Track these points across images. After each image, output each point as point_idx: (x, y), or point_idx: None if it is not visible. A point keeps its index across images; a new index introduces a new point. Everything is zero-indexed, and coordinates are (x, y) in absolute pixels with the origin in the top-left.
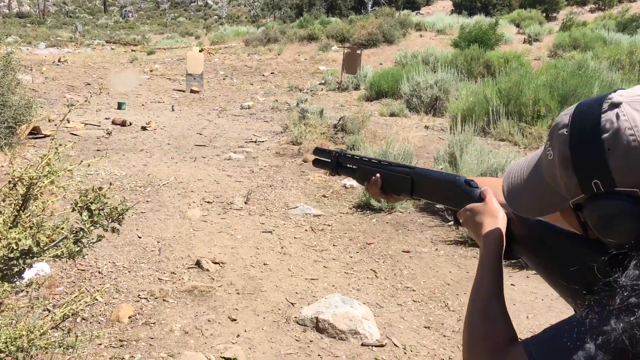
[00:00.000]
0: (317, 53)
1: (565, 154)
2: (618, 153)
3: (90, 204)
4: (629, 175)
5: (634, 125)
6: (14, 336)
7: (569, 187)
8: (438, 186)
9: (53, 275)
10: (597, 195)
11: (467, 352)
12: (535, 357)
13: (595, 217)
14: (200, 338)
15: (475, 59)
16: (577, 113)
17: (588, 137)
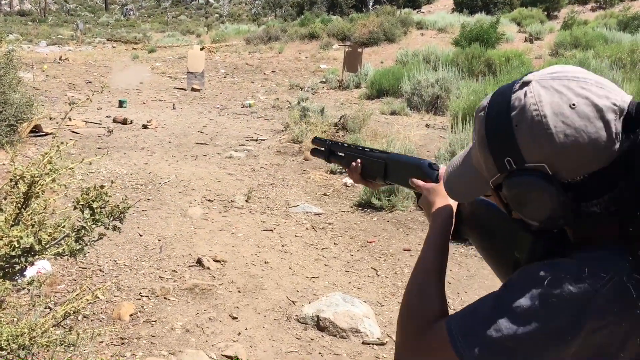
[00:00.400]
0: (318, 51)
1: (482, 135)
2: (524, 128)
3: (92, 202)
4: (535, 150)
5: (538, 101)
6: (15, 334)
7: (488, 168)
8: (406, 170)
9: (54, 273)
10: (510, 173)
11: (399, 326)
12: (454, 330)
13: (510, 195)
14: (202, 336)
15: (476, 58)
16: (494, 95)
17: (499, 116)
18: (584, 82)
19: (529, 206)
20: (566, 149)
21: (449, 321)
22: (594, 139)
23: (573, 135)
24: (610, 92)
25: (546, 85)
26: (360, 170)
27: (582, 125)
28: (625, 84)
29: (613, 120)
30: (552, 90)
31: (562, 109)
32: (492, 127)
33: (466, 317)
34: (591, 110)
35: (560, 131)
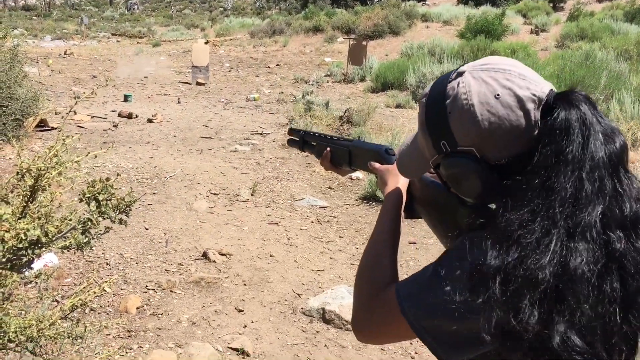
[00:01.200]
0: (322, 45)
1: (422, 120)
2: (455, 115)
3: (98, 194)
4: (465, 135)
5: (468, 91)
6: (23, 326)
7: (428, 149)
8: (366, 156)
9: (61, 266)
10: (446, 154)
11: (355, 294)
12: (401, 293)
13: (446, 175)
14: (208, 329)
15: (481, 50)
16: (434, 84)
17: (436, 103)
18: (509, 74)
19: (462, 184)
20: (491, 134)
21: (398, 285)
22: (515, 125)
23: (497, 122)
24: (531, 83)
25: (476, 76)
26: (329, 158)
27: (505, 113)
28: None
29: (532, 109)
30: (481, 81)
31: (488, 99)
32: (430, 113)
33: (412, 281)
34: (513, 100)
35: (485, 119)
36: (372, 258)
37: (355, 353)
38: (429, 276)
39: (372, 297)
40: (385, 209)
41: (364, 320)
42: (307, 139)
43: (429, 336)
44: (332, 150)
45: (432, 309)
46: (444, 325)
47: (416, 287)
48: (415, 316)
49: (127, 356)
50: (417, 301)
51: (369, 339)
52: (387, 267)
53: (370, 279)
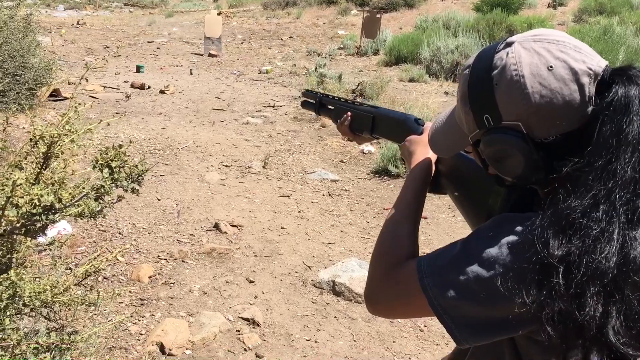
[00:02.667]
0: (336, 17)
1: (464, 92)
2: (502, 87)
3: (111, 161)
4: (512, 109)
5: (518, 62)
6: (38, 290)
7: (468, 124)
8: (392, 124)
9: (75, 235)
10: (488, 129)
11: (371, 265)
12: (422, 269)
13: (487, 151)
14: (219, 299)
15: (497, 24)
16: (478, 54)
17: (481, 74)
18: (562, 46)
19: (504, 163)
20: (541, 109)
21: (419, 260)
22: (568, 100)
23: (548, 96)
24: (586, 56)
25: (527, 47)
26: (349, 123)
27: (558, 87)
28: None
29: (587, 83)
30: (533, 51)
31: (540, 70)
32: (473, 84)
33: (436, 258)
34: (567, 73)
35: (536, 92)
36: (392, 230)
37: (365, 325)
38: (457, 254)
39: (389, 270)
40: (411, 181)
41: (379, 293)
42: (325, 102)
43: (447, 317)
44: (352, 116)
45: (457, 289)
46: (466, 307)
47: (441, 265)
48: (436, 295)
49: (140, 324)
50: (440, 279)
51: (381, 312)
52: (408, 240)
53: (389, 251)
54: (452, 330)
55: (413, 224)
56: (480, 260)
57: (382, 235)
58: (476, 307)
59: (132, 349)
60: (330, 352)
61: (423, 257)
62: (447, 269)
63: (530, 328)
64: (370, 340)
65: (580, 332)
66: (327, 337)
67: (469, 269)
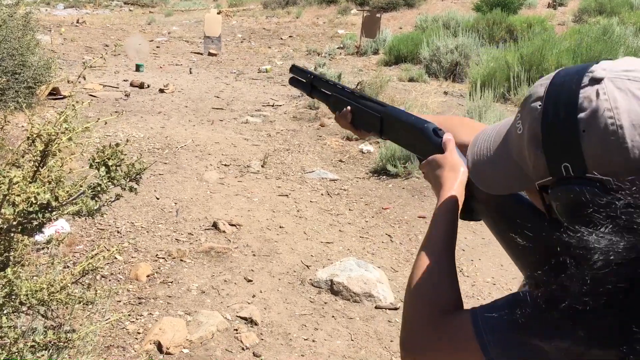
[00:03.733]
0: (336, 16)
1: (536, 131)
2: (594, 136)
3: (107, 159)
4: (603, 162)
5: (614, 107)
6: (34, 289)
7: (536, 167)
8: (406, 130)
9: (73, 233)
10: (566, 179)
11: (409, 310)
12: (481, 324)
13: (561, 203)
14: (217, 297)
15: (497, 24)
16: (553, 85)
17: (562, 115)
18: None
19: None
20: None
21: (475, 314)
22: None
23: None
24: None
25: (622, 87)
26: (350, 119)
27: None
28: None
29: None
30: (630, 94)
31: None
32: (551, 125)
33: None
34: None
35: (637, 146)
36: (429, 272)
37: (363, 324)
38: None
39: (435, 321)
40: (440, 214)
41: (424, 345)
42: (317, 85)
43: None
44: (354, 111)
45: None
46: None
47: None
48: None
49: (137, 322)
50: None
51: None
52: (449, 284)
53: (430, 298)
54: None
55: (451, 264)
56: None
57: (419, 278)
58: None
59: (130, 348)
60: (327, 352)
61: (479, 309)
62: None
63: None
64: (368, 339)
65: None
66: (325, 337)
67: (541, 334)
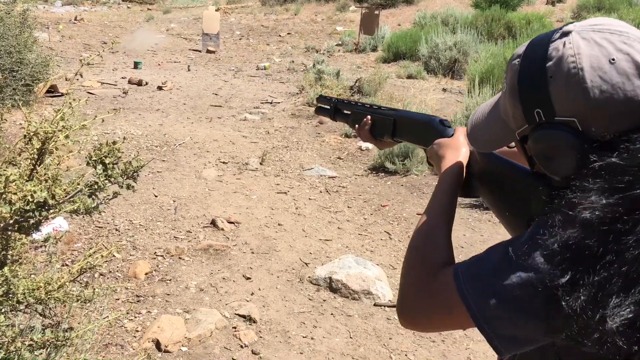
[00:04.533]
0: (334, 13)
1: (514, 83)
2: (559, 81)
3: (104, 157)
4: (568, 104)
5: (577, 53)
6: (31, 287)
7: (515, 118)
8: (415, 127)
9: (71, 231)
10: (539, 125)
11: (403, 275)
12: (461, 276)
13: (536, 148)
14: (215, 295)
15: (496, 20)
16: (530, 43)
17: (534, 65)
18: (626, 37)
19: (555, 161)
20: (600, 105)
21: (457, 268)
22: (630, 97)
23: (609, 91)
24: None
25: (587, 37)
26: (370, 127)
27: (620, 81)
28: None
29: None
30: (593, 42)
31: (601, 63)
32: (525, 76)
33: (475, 264)
34: (631, 67)
35: (596, 86)
36: (425, 236)
37: (362, 322)
38: (498, 260)
39: (424, 280)
40: (443, 185)
41: (414, 305)
42: (340, 107)
43: (488, 327)
44: (372, 120)
45: (499, 297)
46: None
47: (481, 271)
48: (476, 302)
49: (136, 320)
50: (481, 286)
51: (418, 325)
52: (442, 246)
53: (423, 260)
54: (493, 341)
55: (447, 230)
56: (524, 266)
57: (415, 244)
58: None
59: (128, 346)
60: (326, 349)
61: (460, 264)
62: (488, 276)
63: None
64: (367, 337)
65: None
66: (324, 334)
67: (512, 275)
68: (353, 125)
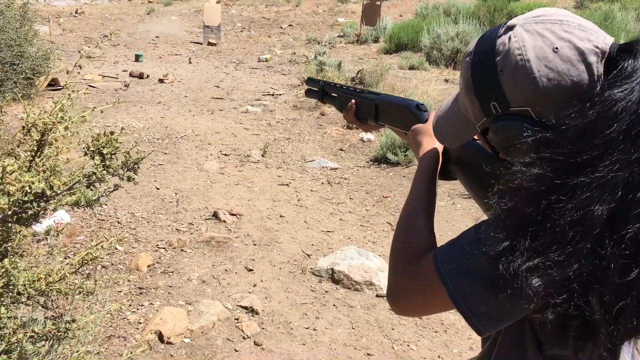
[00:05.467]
0: (336, 4)
1: (468, 80)
2: (508, 73)
3: (102, 148)
4: (519, 95)
5: (522, 45)
6: (32, 279)
7: (474, 112)
8: (395, 110)
9: (73, 224)
10: (496, 117)
11: (390, 263)
12: (439, 259)
13: (497, 140)
14: (218, 287)
15: (498, 10)
16: (479, 40)
17: (484, 60)
18: (566, 25)
19: (515, 149)
20: (549, 92)
21: (435, 251)
22: (576, 82)
23: (556, 79)
24: (592, 34)
25: (530, 29)
26: (354, 111)
27: (565, 68)
28: None
29: (595, 62)
30: (536, 34)
31: (545, 53)
32: (477, 72)
33: (451, 246)
34: (573, 54)
35: (543, 75)
36: (407, 224)
37: (364, 312)
38: (470, 239)
39: (408, 265)
40: (421, 172)
41: (400, 290)
42: (328, 90)
43: (465, 305)
44: (357, 103)
45: (471, 274)
46: (481, 292)
47: (455, 252)
48: (453, 282)
49: (138, 312)
50: (456, 266)
51: (405, 310)
52: (424, 233)
53: (406, 246)
54: (471, 319)
55: (427, 216)
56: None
57: (398, 231)
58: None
59: (131, 338)
60: (329, 340)
61: (438, 248)
62: (461, 256)
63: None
64: (369, 327)
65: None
66: (326, 325)
67: (482, 252)
68: (340, 108)
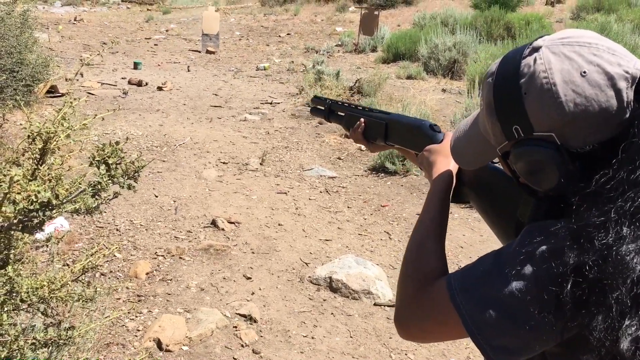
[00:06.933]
0: (334, 14)
1: (490, 101)
2: (533, 97)
3: (108, 157)
4: (544, 119)
5: (548, 68)
6: (35, 286)
7: (495, 135)
8: (406, 131)
9: (72, 231)
10: (519, 141)
11: (399, 286)
12: (453, 286)
13: (518, 164)
14: (216, 295)
15: (495, 21)
16: (502, 61)
17: (508, 83)
18: (595, 49)
19: (537, 175)
20: (576, 118)
21: (449, 277)
22: (604, 107)
23: (583, 104)
24: (622, 58)
25: (556, 52)
26: (363, 130)
27: (593, 93)
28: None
29: (625, 88)
30: (563, 56)
31: (573, 77)
32: (500, 94)
33: (466, 274)
34: (602, 78)
35: (570, 100)
36: (418, 247)
37: (362, 321)
38: (488, 269)
39: (419, 290)
40: (434, 194)
41: (410, 316)
42: (335, 109)
43: (481, 337)
44: (366, 123)
45: (490, 305)
46: (500, 324)
47: (472, 280)
48: (469, 312)
49: (137, 320)
50: (472, 295)
51: (414, 336)
52: (434, 257)
53: (416, 269)
54: (486, 351)
55: (439, 240)
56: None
57: (408, 253)
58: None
59: (129, 345)
60: (327, 348)
61: (453, 274)
62: (479, 285)
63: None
64: (367, 336)
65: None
66: (324, 334)
67: (502, 284)
68: (347, 127)
